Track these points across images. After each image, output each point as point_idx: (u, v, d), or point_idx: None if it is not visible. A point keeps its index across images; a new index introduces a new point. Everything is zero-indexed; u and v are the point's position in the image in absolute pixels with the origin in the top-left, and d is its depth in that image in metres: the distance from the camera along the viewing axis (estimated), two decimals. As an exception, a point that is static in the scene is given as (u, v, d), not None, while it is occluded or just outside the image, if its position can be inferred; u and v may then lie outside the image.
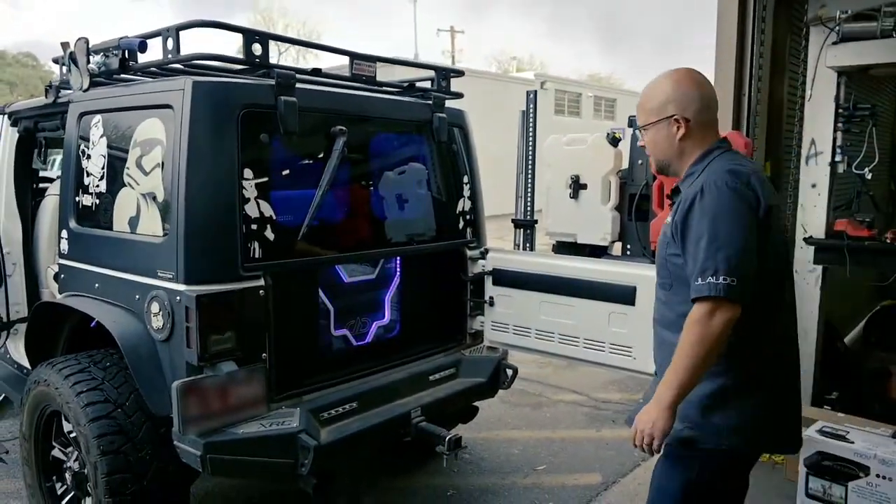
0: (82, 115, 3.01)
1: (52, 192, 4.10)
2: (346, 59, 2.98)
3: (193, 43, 2.50)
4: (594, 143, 3.10)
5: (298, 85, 2.69)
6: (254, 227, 2.55)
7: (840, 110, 3.92)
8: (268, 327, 2.59)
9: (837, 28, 3.77)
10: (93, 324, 3.00)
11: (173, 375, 2.49)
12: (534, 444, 4.15)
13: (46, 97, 3.33)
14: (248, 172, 2.53)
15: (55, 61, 3.26)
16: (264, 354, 2.57)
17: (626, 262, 2.94)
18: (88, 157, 2.95)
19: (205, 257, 2.45)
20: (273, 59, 2.65)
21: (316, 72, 2.94)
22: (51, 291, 4.05)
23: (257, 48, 2.59)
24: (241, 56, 2.61)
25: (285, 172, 2.85)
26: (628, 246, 4.46)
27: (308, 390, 2.79)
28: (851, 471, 3.09)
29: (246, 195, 2.52)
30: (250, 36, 2.56)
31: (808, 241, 3.89)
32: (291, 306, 2.75)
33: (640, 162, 4.09)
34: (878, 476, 3.03)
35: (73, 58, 3.00)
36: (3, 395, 3.95)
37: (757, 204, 1.80)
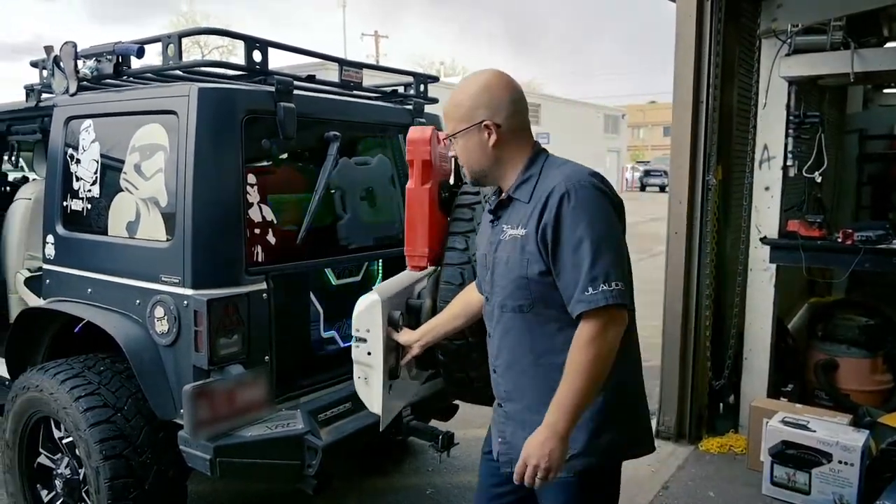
0: (70, 119, 2.98)
1: (22, 196, 4.01)
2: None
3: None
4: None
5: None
6: (257, 231, 2.61)
7: (791, 117, 4.20)
8: (270, 330, 2.64)
9: (789, 40, 4.05)
10: (77, 329, 2.98)
11: (178, 379, 2.52)
12: (506, 441, 4.28)
13: (27, 100, 3.27)
14: (251, 177, 2.58)
15: (34, 65, 3.21)
16: (267, 357, 2.62)
17: None
18: (78, 161, 2.93)
19: (212, 261, 2.48)
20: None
21: (310, 78, 3.00)
22: (20, 297, 3.96)
23: (257, 55, 2.64)
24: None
25: (283, 177, 2.90)
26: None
27: (304, 392, 2.85)
28: (814, 458, 3.33)
29: (249, 199, 2.57)
30: (251, 43, 2.61)
31: (764, 240, 4.16)
32: (288, 309, 2.80)
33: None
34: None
35: (57, 62, 2.97)
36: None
37: (617, 202, 1.73)
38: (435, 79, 3.74)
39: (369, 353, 2.35)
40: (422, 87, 3.58)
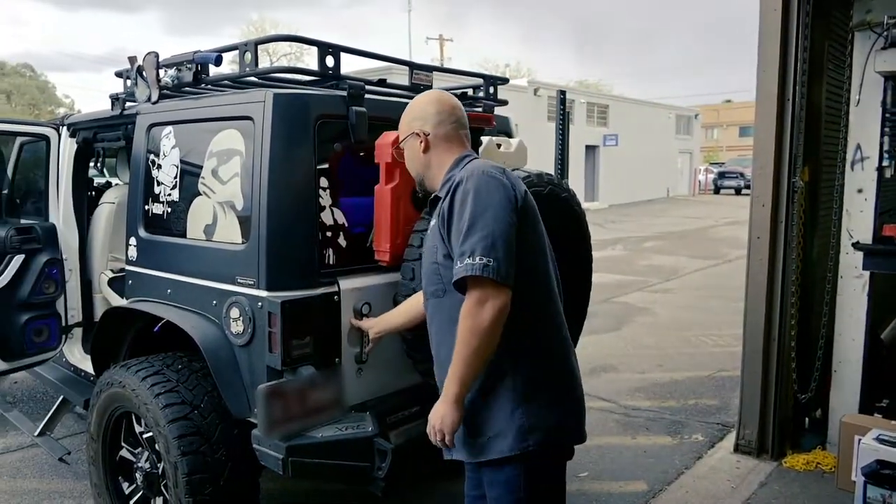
0: (152, 126, 3.09)
1: (107, 201, 4.21)
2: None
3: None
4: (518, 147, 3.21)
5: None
6: (328, 234, 2.62)
7: (887, 115, 3.93)
8: (340, 332, 2.65)
9: (886, 33, 3.79)
10: (156, 328, 3.08)
11: (252, 379, 2.56)
12: (574, 451, 4.18)
13: (112, 109, 3.41)
14: (323, 181, 2.60)
15: (118, 75, 3.35)
16: (337, 359, 2.63)
17: None
18: (159, 166, 3.03)
19: (286, 264, 2.51)
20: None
21: (381, 82, 3.01)
22: (104, 297, 4.15)
23: (330, 60, 2.66)
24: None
25: (355, 180, 2.91)
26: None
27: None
28: (913, 479, 3.10)
29: (322, 203, 2.59)
30: (324, 48, 2.63)
31: (857, 246, 3.91)
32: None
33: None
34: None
35: (140, 71, 3.09)
36: (62, 396, 4.03)
37: (514, 192, 1.83)
38: (505, 80, 3.69)
39: None
40: (491, 89, 3.54)
